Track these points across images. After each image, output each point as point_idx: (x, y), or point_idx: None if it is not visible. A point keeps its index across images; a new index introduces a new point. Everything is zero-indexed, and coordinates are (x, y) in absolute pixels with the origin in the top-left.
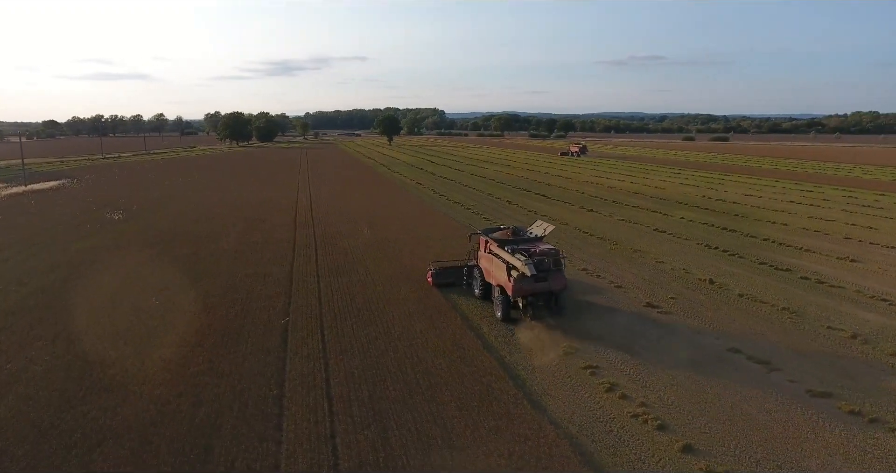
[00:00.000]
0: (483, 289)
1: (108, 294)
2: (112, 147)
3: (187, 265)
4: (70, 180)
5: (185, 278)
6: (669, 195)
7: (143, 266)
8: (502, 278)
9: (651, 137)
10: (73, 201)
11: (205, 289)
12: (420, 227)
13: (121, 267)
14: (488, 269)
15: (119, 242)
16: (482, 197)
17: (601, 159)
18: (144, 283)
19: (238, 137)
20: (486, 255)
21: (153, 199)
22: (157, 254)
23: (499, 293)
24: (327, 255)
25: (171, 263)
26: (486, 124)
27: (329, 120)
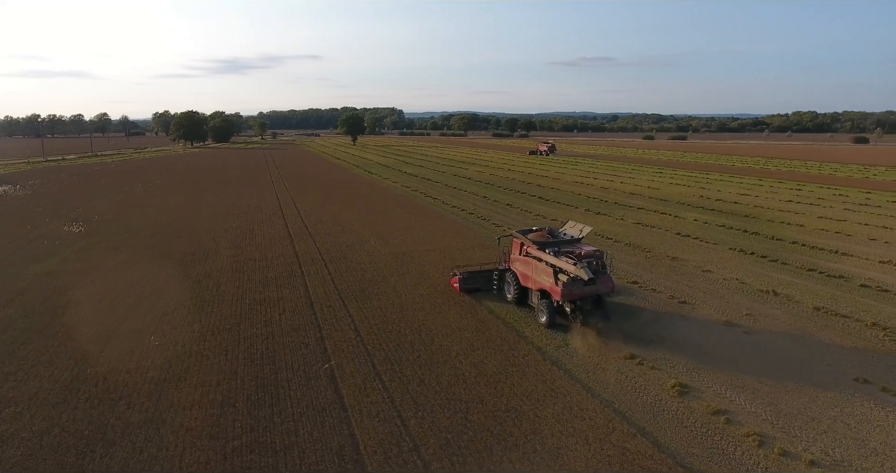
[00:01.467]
0: (518, 294)
1: (89, 336)
2: (54, 149)
3: (181, 291)
4: (13, 187)
5: (182, 309)
6: (667, 196)
7: (124, 293)
8: (546, 282)
9: (612, 137)
10: (21, 211)
11: (212, 322)
12: (433, 236)
13: (96, 297)
14: (525, 273)
15: (86, 262)
16: (478, 200)
17: (573, 158)
18: (131, 316)
19: (193, 138)
20: (523, 258)
21: (115, 208)
22: (139, 277)
23: (540, 298)
24: (342, 273)
25: (160, 288)
26: (446, 124)
27: (284, 120)
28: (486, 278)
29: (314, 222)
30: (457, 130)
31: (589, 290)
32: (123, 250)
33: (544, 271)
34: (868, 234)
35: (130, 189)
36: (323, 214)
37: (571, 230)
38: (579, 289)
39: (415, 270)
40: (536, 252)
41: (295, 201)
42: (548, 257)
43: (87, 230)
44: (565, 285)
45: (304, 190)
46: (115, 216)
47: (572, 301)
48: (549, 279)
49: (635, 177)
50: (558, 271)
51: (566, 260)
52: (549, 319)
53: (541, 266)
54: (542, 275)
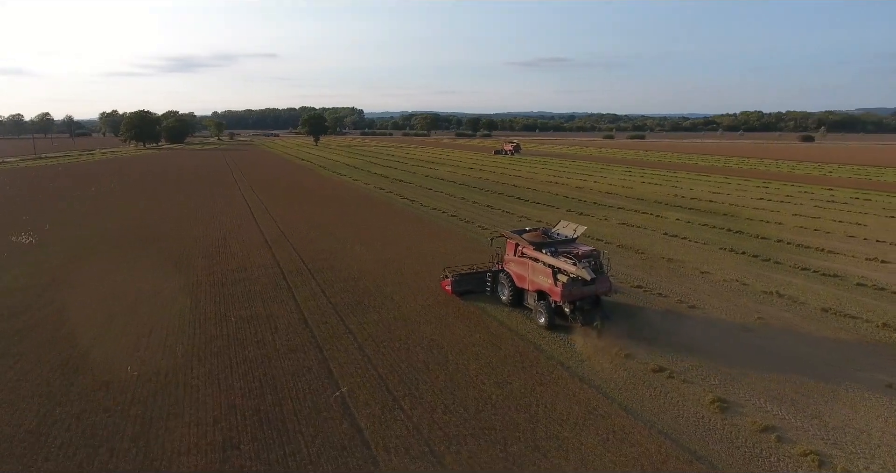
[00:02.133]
0: (513, 295)
1: (54, 366)
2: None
3: (156, 309)
4: None
5: (160, 330)
6: (643, 195)
7: (90, 314)
8: (544, 283)
9: (572, 136)
10: None
11: (197, 345)
12: (418, 240)
13: (57, 319)
14: (521, 274)
15: (40, 278)
16: (456, 202)
17: (540, 158)
18: (101, 341)
19: (145, 139)
20: (518, 259)
21: (67, 215)
22: (104, 294)
23: (537, 299)
24: (331, 283)
25: (131, 307)
26: (407, 124)
27: (240, 120)
28: (479, 279)
29: (290, 227)
30: (420, 129)
31: (588, 290)
32: (83, 264)
33: (542, 272)
34: (845, 231)
35: (83, 194)
36: (297, 218)
37: (565, 230)
38: (579, 289)
39: (409, 277)
40: (533, 253)
41: (266, 206)
42: (546, 257)
43: (40, 241)
44: (565, 286)
45: (274, 193)
46: (68, 225)
47: (572, 302)
48: (548, 280)
49: (606, 176)
50: (557, 272)
51: (565, 260)
52: (548, 320)
53: (538, 267)
54: (540, 276)
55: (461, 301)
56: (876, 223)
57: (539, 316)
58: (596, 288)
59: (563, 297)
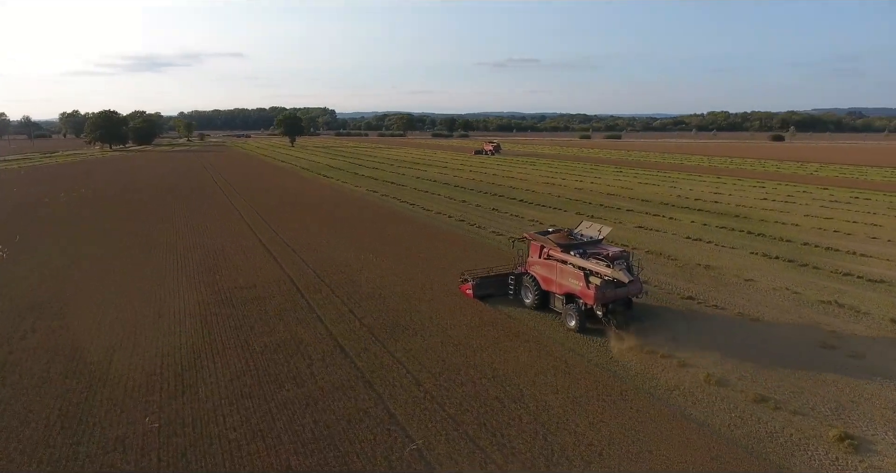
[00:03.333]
0: (538, 298)
1: (50, 420)
2: None
3: (162, 337)
4: None
5: (172, 364)
6: (645, 196)
7: (86, 346)
8: (575, 285)
9: (549, 136)
10: None
11: (221, 383)
12: (435, 248)
13: (47, 352)
14: (547, 276)
15: (18, 300)
16: (458, 205)
17: (523, 158)
18: (106, 382)
19: (111, 140)
20: (544, 261)
21: (38, 225)
22: (97, 320)
23: (565, 303)
24: (357, 301)
25: (132, 335)
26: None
27: (209, 120)
28: (500, 282)
29: (290, 235)
30: (395, 130)
31: (621, 292)
32: (64, 282)
33: (572, 275)
34: (865, 232)
35: (51, 201)
36: (295, 225)
37: (589, 231)
38: (612, 292)
39: (440, 293)
40: (561, 255)
41: (258, 212)
42: (576, 259)
43: (10, 256)
44: (598, 289)
45: (261, 199)
46: (41, 236)
47: (605, 305)
48: (579, 283)
49: (600, 177)
50: (590, 274)
51: (598, 262)
52: (579, 324)
53: (567, 269)
54: (569, 278)
55: (510, 322)
56: (891, 224)
57: (569, 320)
58: (628, 290)
59: (596, 300)
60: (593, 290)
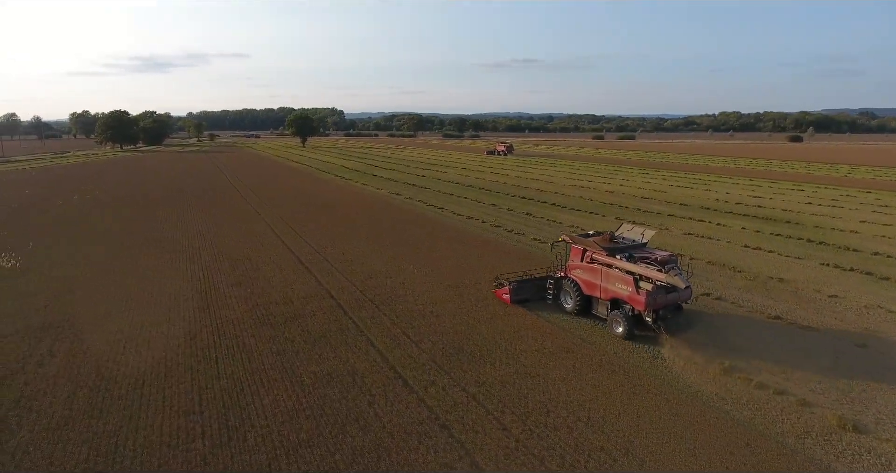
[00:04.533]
0: (580, 303)
1: (83, 465)
2: None
3: (195, 363)
4: None
5: (212, 398)
6: (683, 200)
7: (105, 370)
8: (622, 291)
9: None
10: None
11: (273, 428)
12: (477, 257)
13: (65, 380)
14: (590, 281)
15: (31, 318)
16: (489, 209)
17: (541, 159)
18: (135, 418)
19: (122, 140)
20: (587, 265)
21: (52, 229)
22: (119, 341)
23: (610, 309)
24: (409, 320)
25: (160, 358)
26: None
27: (217, 120)
28: (538, 287)
29: (319, 242)
30: (405, 130)
31: (672, 298)
32: (80, 296)
33: (619, 279)
34: None
35: (64, 203)
36: (322, 231)
37: (630, 234)
38: (663, 297)
39: (498, 310)
40: (607, 258)
41: (281, 216)
42: (624, 263)
43: (24, 266)
44: (649, 294)
45: (282, 201)
46: (55, 241)
47: (655, 311)
48: (627, 288)
49: (628, 179)
50: (640, 279)
51: (647, 266)
52: (627, 330)
53: (613, 273)
54: (617, 283)
55: (590, 347)
56: None
57: (616, 326)
58: (679, 295)
59: (647, 306)
60: (644, 295)
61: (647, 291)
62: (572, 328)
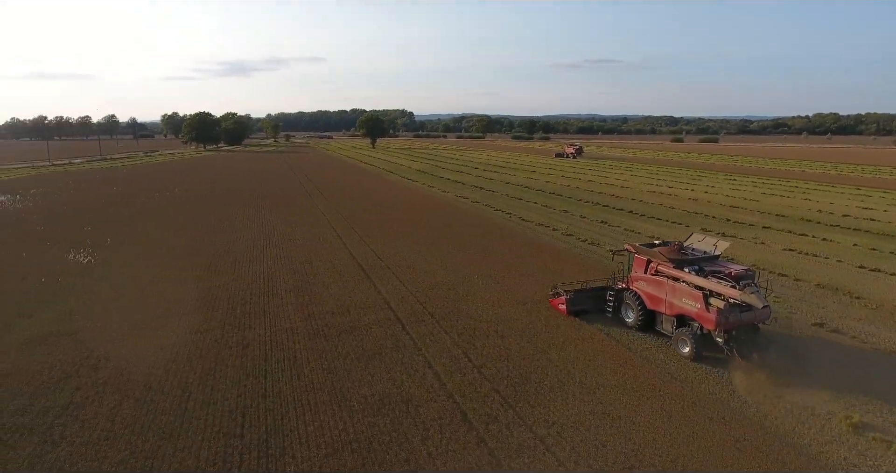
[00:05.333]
0: (642, 318)
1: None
2: (60, 152)
3: (245, 374)
4: (11, 197)
5: (254, 417)
6: (779, 210)
7: (158, 376)
8: (690, 307)
9: (636, 139)
10: (17, 231)
11: (311, 456)
12: (548, 268)
13: (117, 385)
14: (654, 294)
15: (94, 320)
16: (561, 216)
17: (613, 162)
18: (175, 433)
19: (205, 140)
20: (651, 277)
21: (130, 225)
22: (174, 349)
23: (676, 325)
24: (471, 340)
25: (210, 364)
26: (459, 126)
27: (293, 121)
28: (596, 297)
29: (383, 248)
30: (474, 132)
31: (747, 318)
32: (144, 294)
33: (687, 294)
34: None
35: (146, 201)
36: (386, 235)
37: (701, 245)
38: (737, 316)
39: (571, 332)
40: (673, 271)
41: (345, 219)
42: (693, 277)
43: (97, 261)
44: (721, 312)
45: (348, 203)
46: (130, 238)
47: (727, 331)
48: (696, 304)
49: (714, 185)
50: (710, 295)
51: (719, 282)
52: (694, 350)
53: (681, 288)
54: (684, 298)
55: (678, 383)
56: None
57: (682, 345)
58: (756, 315)
59: (718, 325)
60: (714, 313)
61: (719, 308)
62: (658, 358)
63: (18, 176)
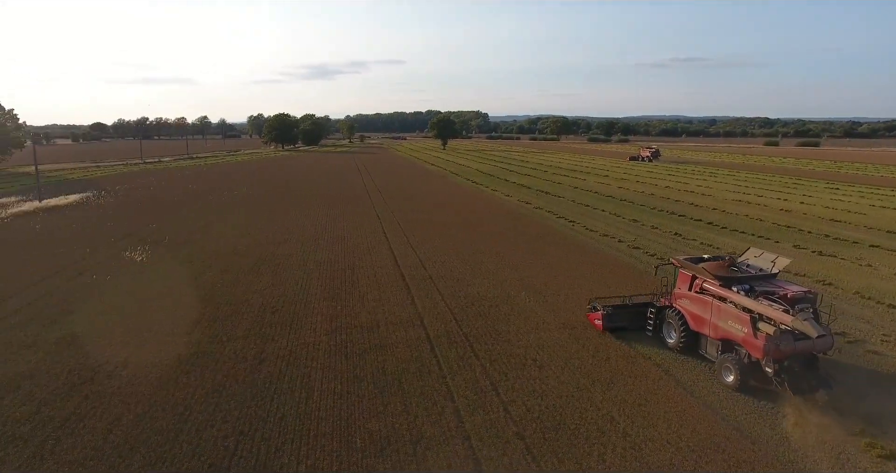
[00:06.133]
0: (685, 339)
1: None
2: (154, 150)
3: (254, 393)
4: (96, 194)
5: (248, 444)
6: (894, 226)
7: (159, 396)
8: (736, 331)
9: (722, 142)
10: (90, 226)
11: None
12: (605, 285)
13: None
14: (698, 315)
15: (127, 323)
16: (629, 225)
17: (696, 167)
18: (167, 456)
19: (283, 140)
20: (696, 295)
21: (190, 224)
22: (184, 356)
23: (722, 351)
24: (504, 369)
25: (221, 379)
26: (534, 127)
27: (370, 123)
28: (636, 314)
29: (429, 255)
30: (549, 133)
31: (802, 346)
32: (178, 300)
33: (734, 317)
34: None
35: (213, 199)
36: (437, 242)
37: (758, 261)
38: (790, 345)
39: (622, 368)
40: (720, 290)
41: (399, 222)
42: (741, 298)
43: (148, 259)
44: (770, 340)
45: (406, 205)
46: (186, 238)
47: (778, 361)
48: (743, 329)
49: (811, 195)
50: (759, 319)
51: (770, 305)
52: (739, 380)
53: (727, 309)
54: (730, 321)
55: None
56: None
57: (726, 374)
58: (814, 345)
59: (765, 353)
60: (762, 340)
61: (768, 335)
62: (724, 407)
63: (110, 173)
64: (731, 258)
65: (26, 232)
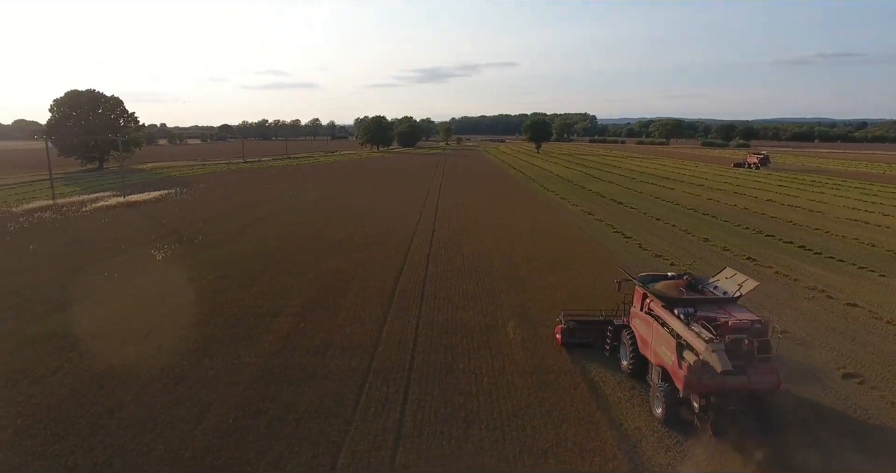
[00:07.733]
0: (634, 363)
1: None
2: (260, 150)
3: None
4: (177, 191)
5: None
6: None
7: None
8: (666, 357)
9: (870, 148)
10: (141, 224)
11: None
12: None
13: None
14: (644, 337)
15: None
16: (695, 245)
17: (817, 177)
18: None
19: (379, 142)
20: (644, 315)
21: (238, 223)
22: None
23: (659, 378)
24: (422, 424)
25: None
26: (643, 131)
27: (474, 125)
28: (600, 331)
29: (438, 269)
30: (657, 137)
31: (733, 383)
32: (173, 310)
33: (666, 342)
34: None
35: (279, 198)
36: (458, 253)
37: (726, 284)
38: (713, 379)
39: (571, 434)
40: (661, 311)
41: (436, 231)
42: (674, 321)
43: (170, 257)
44: (692, 370)
45: (455, 215)
46: (225, 237)
47: (703, 395)
48: (671, 355)
49: None
50: (683, 346)
51: (698, 330)
52: (666, 412)
53: (662, 333)
54: (663, 346)
55: None
56: None
57: (655, 404)
58: (748, 381)
59: (687, 384)
60: (685, 370)
61: (690, 364)
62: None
63: (208, 171)
64: (692, 277)
65: (90, 225)
